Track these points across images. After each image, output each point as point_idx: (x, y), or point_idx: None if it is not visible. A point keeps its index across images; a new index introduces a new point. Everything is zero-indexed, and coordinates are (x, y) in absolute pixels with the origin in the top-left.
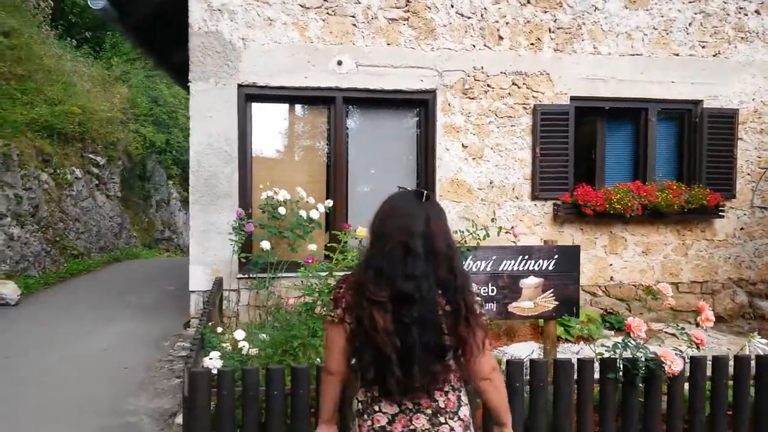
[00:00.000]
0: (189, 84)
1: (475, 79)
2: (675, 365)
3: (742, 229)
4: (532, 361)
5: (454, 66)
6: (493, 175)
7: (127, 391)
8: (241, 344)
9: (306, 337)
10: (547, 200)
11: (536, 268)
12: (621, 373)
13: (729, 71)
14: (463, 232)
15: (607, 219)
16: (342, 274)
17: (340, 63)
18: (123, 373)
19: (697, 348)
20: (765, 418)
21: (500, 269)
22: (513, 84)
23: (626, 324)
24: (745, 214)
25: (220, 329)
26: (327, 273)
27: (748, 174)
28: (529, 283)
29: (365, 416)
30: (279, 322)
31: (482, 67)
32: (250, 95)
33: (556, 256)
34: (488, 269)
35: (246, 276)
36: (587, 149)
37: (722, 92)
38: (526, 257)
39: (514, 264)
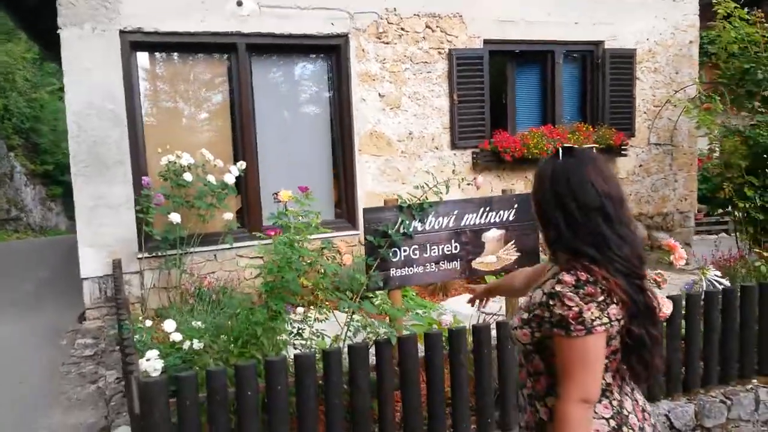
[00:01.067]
0: (59, 31)
1: (388, 22)
2: (666, 308)
3: (640, 166)
4: None
5: (365, 7)
6: (412, 126)
7: (34, 406)
8: (173, 336)
9: (268, 321)
10: (466, 149)
11: (497, 219)
12: None
13: (626, 11)
14: (423, 186)
15: (523, 164)
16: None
17: (239, 4)
18: (22, 384)
19: (658, 286)
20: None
21: (462, 224)
22: (427, 27)
23: None
24: (643, 152)
25: (149, 322)
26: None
27: (645, 113)
28: (491, 236)
29: (629, 416)
30: (228, 306)
31: (395, 9)
32: (136, 43)
33: (516, 205)
34: (451, 225)
35: (151, 255)
36: (498, 94)
37: (621, 32)
38: (488, 209)
39: (476, 217)
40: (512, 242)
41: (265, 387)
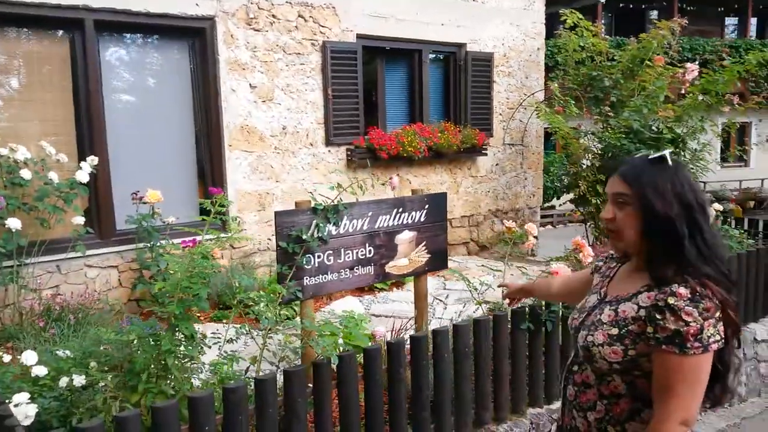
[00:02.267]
0: None
1: (259, 8)
2: None
3: (497, 165)
4: (455, 325)
5: None
6: (286, 120)
7: None
8: (36, 371)
9: (176, 348)
10: (341, 145)
11: (410, 220)
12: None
13: (485, 16)
14: (338, 186)
15: (396, 162)
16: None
17: None
18: None
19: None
20: None
21: (377, 226)
22: (299, 16)
23: (552, 272)
24: (499, 151)
25: (7, 357)
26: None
27: (500, 114)
28: (404, 238)
29: None
30: (123, 331)
31: None
32: None
33: (427, 206)
34: (365, 228)
35: None
36: (368, 91)
37: (481, 36)
38: (401, 210)
39: (390, 219)
40: (423, 244)
41: (188, 430)
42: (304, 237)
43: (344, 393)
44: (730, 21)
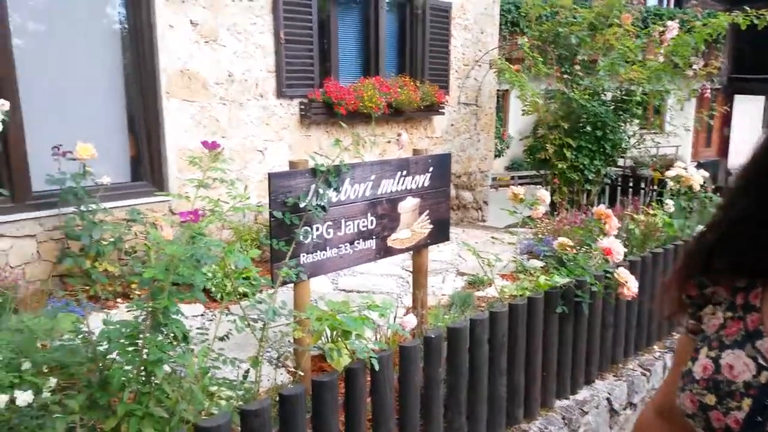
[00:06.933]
0: None
1: None
2: (633, 285)
3: (452, 125)
4: (492, 312)
5: None
6: (233, 66)
7: None
8: None
9: (165, 356)
10: (294, 98)
11: (414, 186)
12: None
13: None
14: (339, 141)
15: (354, 119)
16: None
17: None
18: None
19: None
20: None
21: (380, 192)
22: None
23: (604, 249)
24: (454, 111)
25: None
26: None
27: (456, 71)
28: (407, 206)
29: None
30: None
31: None
32: None
33: (431, 169)
34: (367, 194)
35: None
36: (321, 39)
37: None
38: (404, 173)
39: (394, 183)
40: (426, 213)
41: None
42: (302, 204)
43: (378, 402)
44: None
